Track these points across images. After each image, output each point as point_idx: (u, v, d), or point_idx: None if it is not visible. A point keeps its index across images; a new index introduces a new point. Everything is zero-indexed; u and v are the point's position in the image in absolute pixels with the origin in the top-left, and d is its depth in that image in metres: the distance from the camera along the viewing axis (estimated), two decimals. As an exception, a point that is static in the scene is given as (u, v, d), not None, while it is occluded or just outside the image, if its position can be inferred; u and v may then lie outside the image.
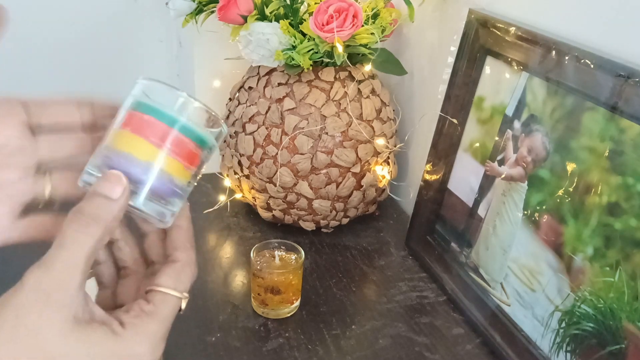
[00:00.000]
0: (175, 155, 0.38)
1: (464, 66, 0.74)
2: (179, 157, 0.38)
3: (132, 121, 0.38)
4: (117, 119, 0.39)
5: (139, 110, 0.38)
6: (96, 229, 0.35)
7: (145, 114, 0.38)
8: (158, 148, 0.37)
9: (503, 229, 0.68)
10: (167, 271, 0.39)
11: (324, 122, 0.81)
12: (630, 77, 0.52)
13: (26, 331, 0.32)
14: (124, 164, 0.37)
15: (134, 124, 0.38)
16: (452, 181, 0.78)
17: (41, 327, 0.32)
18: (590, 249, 0.56)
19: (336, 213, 0.86)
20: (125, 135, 0.38)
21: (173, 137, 0.38)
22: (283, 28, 0.76)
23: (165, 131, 0.38)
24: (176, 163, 0.38)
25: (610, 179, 0.54)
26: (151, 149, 0.37)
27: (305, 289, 0.75)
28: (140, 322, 0.36)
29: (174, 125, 0.38)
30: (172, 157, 0.38)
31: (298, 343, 0.67)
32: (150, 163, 0.37)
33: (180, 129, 0.38)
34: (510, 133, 0.67)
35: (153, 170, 0.37)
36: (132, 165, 0.37)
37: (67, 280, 0.33)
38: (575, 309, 0.57)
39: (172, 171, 0.38)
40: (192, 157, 0.39)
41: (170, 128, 0.38)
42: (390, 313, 0.73)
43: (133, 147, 0.37)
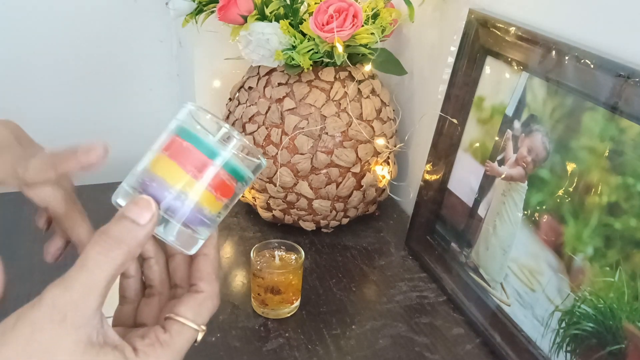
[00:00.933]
0: (210, 187, 0.37)
1: (464, 66, 0.74)
2: (212, 190, 0.37)
3: (172, 146, 0.37)
4: (159, 141, 0.38)
5: (180, 135, 0.37)
6: (119, 254, 0.34)
7: (185, 140, 0.37)
8: (194, 178, 0.37)
9: (503, 229, 0.68)
10: (189, 301, 0.39)
11: (324, 122, 0.81)
12: (630, 77, 0.52)
13: (39, 348, 0.32)
14: (157, 189, 0.37)
15: (174, 150, 0.37)
16: (452, 181, 0.78)
17: (54, 346, 0.32)
18: (590, 249, 0.56)
19: (336, 213, 0.86)
20: (163, 160, 0.37)
21: (210, 169, 0.37)
22: (283, 28, 0.76)
23: (203, 162, 0.37)
24: (209, 195, 0.37)
25: (610, 179, 0.54)
26: (186, 179, 0.37)
27: (305, 289, 0.75)
28: (153, 351, 0.36)
29: (213, 157, 0.37)
30: (206, 189, 0.37)
31: (298, 343, 0.67)
32: (183, 193, 0.37)
33: (219, 162, 0.37)
34: (510, 133, 0.67)
35: (185, 200, 0.37)
36: (164, 191, 0.37)
37: (85, 302, 0.33)
38: (575, 309, 0.57)
39: (204, 202, 0.38)
40: (226, 190, 0.38)
41: (209, 159, 0.37)
42: (390, 313, 0.73)
43: (168, 173, 0.37)
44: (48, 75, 1.06)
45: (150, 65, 1.11)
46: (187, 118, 0.38)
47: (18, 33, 1.02)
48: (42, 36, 1.03)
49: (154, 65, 1.12)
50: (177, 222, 0.37)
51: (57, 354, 0.32)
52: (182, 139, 0.37)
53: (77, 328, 0.33)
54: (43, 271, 0.40)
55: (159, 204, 0.36)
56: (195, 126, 0.38)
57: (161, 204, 0.37)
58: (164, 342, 0.36)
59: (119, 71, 1.09)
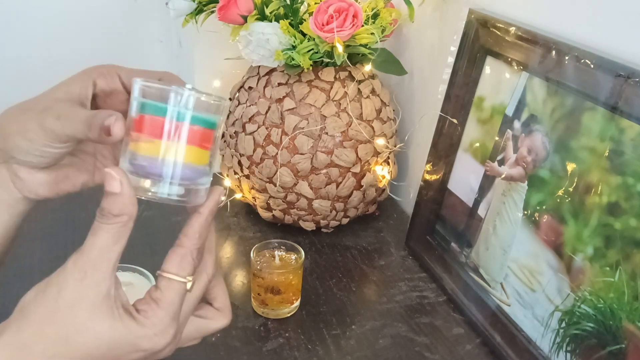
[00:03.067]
0: (190, 143, 0.41)
1: (464, 66, 0.74)
2: (193, 144, 0.41)
3: (142, 124, 0.41)
4: (130, 124, 0.41)
5: (144, 112, 0.41)
6: (116, 220, 0.39)
7: (149, 114, 0.40)
8: (172, 142, 0.40)
9: (503, 229, 0.68)
10: (171, 256, 0.42)
11: (324, 122, 0.81)
12: (630, 77, 0.52)
13: (65, 303, 0.37)
14: (149, 166, 0.40)
15: (144, 127, 0.41)
16: (452, 181, 0.78)
17: (77, 300, 0.38)
18: (590, 249, 0.56)
19: (336, 213, 0.86)
20: (142, 139, 0.41)
21: (182, 129, 0.40)
22: (283, 28, 0.76)
23: (173, 126, 0.40)
24: (192, 149, 0.41)
25: (610, 179, 0.54)
26: (165, 145, 0.40)
27: (305, 289, 0.75)
28: (148, 308, 0.40)
29: (180, 118, 0.40)
30: (189, 145, 0.41)
31: (298, 343, 0.67)
32: (169, 158, 0.40)
33: (187, 119, 0.41)
34: (510, 133, 0.67)
35: (174, 163, 0.41)
36: (154, 163, 0.40)
37: (101, 261, 0.38)
38: (575, 309, 0.57)
39: (191, 157, 0.41)
40: (204, 139, 0.42)
41: (177, 121, 0.40)
42: (390, 313, 0.73)
43: (150, 149, 0.40)
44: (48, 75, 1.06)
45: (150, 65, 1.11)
46: (141, 94, 0.41)
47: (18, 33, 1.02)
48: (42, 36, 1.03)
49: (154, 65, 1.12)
50: (176, 183, 0.41)
51: (81, 306, 0.38)
52: (146, 114, 0.40)
53: (95, 284, 0.38)
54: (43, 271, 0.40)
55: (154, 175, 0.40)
56: (151, 98, 0.41)
57: (160, 174, 0.40)
58: (157, 298, 0.40)
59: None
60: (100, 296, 0.38)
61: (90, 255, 0.38)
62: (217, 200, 0.44)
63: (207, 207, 0.43)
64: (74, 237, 0.84)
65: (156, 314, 0.40)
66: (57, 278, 0.38)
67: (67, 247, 0.82)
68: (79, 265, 0.38)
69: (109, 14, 1.06)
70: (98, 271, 0.38)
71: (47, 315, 0.37)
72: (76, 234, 0.85)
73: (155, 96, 0.40)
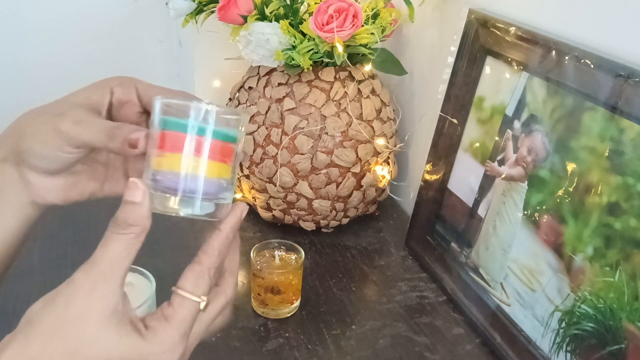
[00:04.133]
0: (211, 157, 0.41)
1: (464, 66, 0.74)
2: (214, 158, 0.41)
3: (163, 141, 0.41)
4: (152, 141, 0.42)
5: (165, 128, 0.41)
6: (130, 231, 0.38)
7: (171, 130, 0.41)
8: (193, 157, 0.41)
9: (503, 229, 0.68)
10: (187, 274, 0.41)
11: (324, 122, 0.81)
12: (630, 77, 0.52)
13: (74, 315, 0.37)
14: (170, 180, 0.41)
15: (166, 143, 0.41)
16: (452, 181, 0.78)
17: (86, 311, 0.37)
18: (590, 249, 0.56)
19: (336, 213, 0.86)
20: (162, 156, 0.41)
21: (203, 144, 0.41)
22: (283, 28, 0.76)
23: (195, 141, 0.41)
24: (214, 164, 0.41)
25: (610, 179, 0.54)
26: (187, 160, 0.40)
27: (305, 289, 0.75)
28: (158, 325, 0.39)
29: (201, 133, 0.41)
30: (209, 160, 0.41)
31: (298, 343, 0.67)
32: (191, 173, 0.41)
33: (208, 134, 0.41)
34: (510, 133, 0.67)
35: (196, 178, 0.41)
36: (176, 179, 0.40)
37: (111, 274, 0.37)
38: (575, 309, 0.57)
39: (213, 172, 0.41)
40: (226, 153, 0.42)
41: (199, 136, 0.40)
42: (390, 313, 0.73)
43: (172, 164, 0.41)
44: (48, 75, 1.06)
45: (150, 65, 1.11)
46: (162, 111, 0.41)
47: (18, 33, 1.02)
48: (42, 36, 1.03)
49: (154, 65, 1.12)
50: (198, 198, 0.41)
51: (89, 319, 0.37)
52: (168, 130, 0.41)
53: (104, 297, 0.37)
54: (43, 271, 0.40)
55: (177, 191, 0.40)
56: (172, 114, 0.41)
57: (179, 190, 0.40)
58: (168, 316, 0.39)
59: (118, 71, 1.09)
60: (109, 310, 0.37)
61: (101, 267, 0.37)
62: (239, 216, 0.43)
63: (227, 223, 0.42)
64: (74, 237, 0.84)
65: (166, 332, 0.39)
66: (66, 289, 0.37)
67: (67, 247, 0.82)
68: (89, 277, 0.37)
69: (109, 14, 1.06)
70: (108, 283, 0.37)
71: (55, 328, 0.37)
72: (76, 234, 0.85)
73: (176, 112, 0.41)
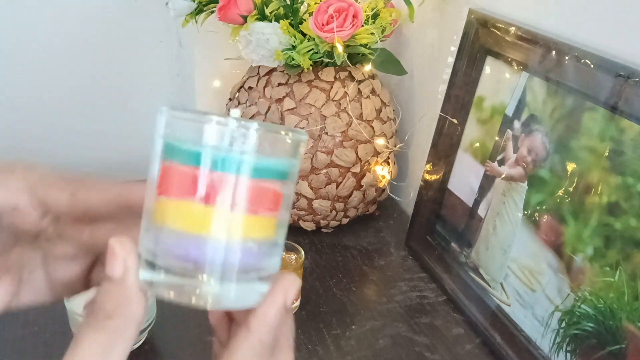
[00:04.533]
0: (248, 209, 0.26)
1: (464, 66, 0.74)
2: (253, 210, 0.26)
3: (175, 180, 0.26)
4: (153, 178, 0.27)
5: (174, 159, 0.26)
6: (108, 321, 0.27)
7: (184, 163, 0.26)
8: (224, 209, 0.26)
9: (503, 229, 0.68)
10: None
11: (324, 122, 0.81)
12: (630, 77, 0.52)
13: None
14: (181, 247, 0.26)
15: (174, 182, 0.26)
16: (452, 181, 0.78)
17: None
18: (590, 249, 0.56)
19: (336, 213, 0.86)
20: (168, 203, 0.26)
21: (239, 186, 0.26)
22: (283, 28, 0.76)
23: (223, 180, 0.25)
24: (252, 219, 0.26)
25: (610, 179, 0.54)
26: (211, 214, 0.26)
27: (305, 289, 0.75)
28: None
29: (238, 171, 0.25)
30: (249, 214, 0.26)
31: (298, 343, 0.67)
32: (216, 235, 0.26)
33: (249, 172, 0.26)
34: (510, 133, 0.67)
35: (223, 244, 0.26)
36: (192, 245, 0.26)
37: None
38: (575, 309, 0.57)
39: (255, 232, 0.27)
40: (270, 199, 0.27)
41: (230, 174, 0.25)
42: (390, 313, 0.73)
43: (184, 219, 0.26)
44: (47, 75, 1.06)
45: (150, 65, 1.11)
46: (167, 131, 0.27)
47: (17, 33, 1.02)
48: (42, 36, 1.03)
49: (154, 65, 1.12)
50: (230, 277, 0.26)
51: None
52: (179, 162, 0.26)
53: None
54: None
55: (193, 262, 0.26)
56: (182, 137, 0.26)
57: (196, 261, 0.26)
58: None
59: (118, 71, 1.09)
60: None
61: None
62: (281, 303, 0.28)
63: (262, 317, 0.28)
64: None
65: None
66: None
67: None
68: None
69: (109, 14, 1.05)
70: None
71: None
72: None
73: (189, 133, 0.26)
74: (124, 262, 0.27)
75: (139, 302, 0.27)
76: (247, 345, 0.28)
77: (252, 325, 0.28)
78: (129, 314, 0.27)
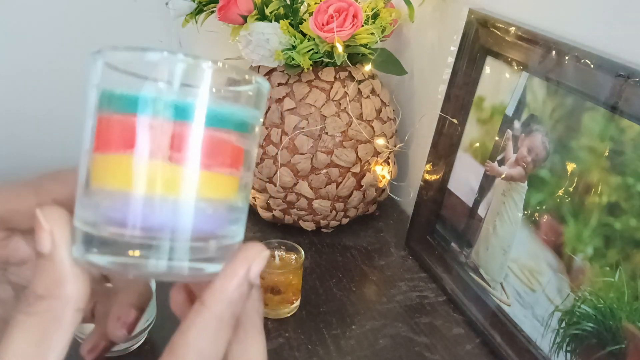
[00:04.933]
0: (205, 163, 0.22)
1: (464, 66, 0.74)
2: (210, 164, 0.23)
3: (113, 132, 0.22)
4: (87, 134, 0.24)
5: (117, 109, 0.22)
6: (39, 306, 0.23)
7: (130, 112, 0.22)
8: (171, 162, 0.22)
9: (503, 229, 0.68)
10: None
11: (324, 122, 0.81)
12: (630, 77, 0.52)
13: None
14: (121, 209, 0.22)
15: (120, 136, 0.22)
16: (452, 181, 0.78)
17: None
18: (590, 249, 0.56)
19: (336, 213, 0.86)
20: (113, 162, 0.22)
21: (192, 134, 0.22)
22: (283, 28, 0.76)
23: (178, 132, 0.22)
24: (209, 175, 0.23)
25: (610, 179, 0.54)
26: (160, 169, 0.22)
27: (305, 289, 0.75)
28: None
29: (187, 117, 0.22)
30: (203, 169, 0.23)
31: (298, 343, 0.67)
32: (166, 193, 0.22)
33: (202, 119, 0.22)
34: (510, 133, 0.67)
35: (175, 204, 0.22)
36: (133, 206, 0.22)
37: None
38: (575, 309, 0.57)
39: (212, 191, 0.23)
40: (231, 154, 0.23)
41: (180, 121, 0.22)
42: (390, 313, 0.73)
43: (123, 177, 0.22)
44: (47, 75, 1.06)
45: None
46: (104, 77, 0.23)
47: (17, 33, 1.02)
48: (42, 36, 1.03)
49: (154, 65, 1.12)
50: (181, 245, 0.22)
51: None
52: (114, 112, 0.22)
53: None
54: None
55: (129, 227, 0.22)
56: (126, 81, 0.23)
57: (132, 225, 0.22)
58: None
59: (119, 71, 1.09)
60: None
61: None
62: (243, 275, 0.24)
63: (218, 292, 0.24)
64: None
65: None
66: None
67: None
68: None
69: (109, 14, 1.05)
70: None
71: None
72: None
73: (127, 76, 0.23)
74: (51, 235, 0.23)
75: (74, 279, 0.23)
76: (201, 322, 0.24)
77: (207, 299, 0.24)
78: (63, 294, 0.23)
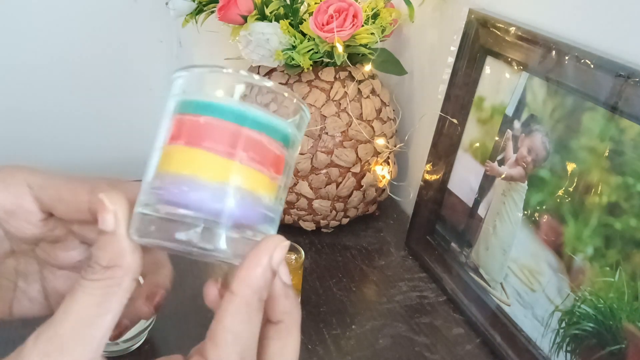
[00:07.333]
0: (255, 163, 0.27)
1: (464, 66, 0.74)
2: (259, 165, 0.27)
3: (183, 129, 0.27)
4: (162, 133, 0.28)
5: (189, 112, 0.27)
6: (103, 275, 0.26)
7: (200, 114, 0.26)
8: (230, 159, 0.26)
9: (503, 229, 0.68)
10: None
11: (324, 122, 0.81)
12: (630, 77, 0.52)
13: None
14: (188, 194, 0.25)
15: (188, 133, 0.26)
16: (452, 181, 0.78)
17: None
18: (590, 249, 0.56)
19: (336, 213, 0.86)
20: (180, 152, 0.26)
21: (247, 139, 0.26)
22: (283, 28, 0.76)
23: (235, 132, 0.26)
24: (257, 175, 0.27)
25: (610, 179, 0.54)
26: (221, 163, 0.26)
27: (305, 289, 0.75)
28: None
29: (244, 122, 0.26)
30: (251, 167, 0.27)
31: (298, 343, 0.67)
32: (224, 183, 0.26)
33: (254, 125, 0.26)
34: (510, 133, 0.67)
35: (226, 193, 0.26)
36: (199, 192, 0.25)
37: (75, 342, 0.26)
38: (575, 309, 0.57)
39: (255, 187, 0.27)
40: (275, 162, 0.27)
41: (241, 126, 0.26)
42: (390, 313, 0.73)
43: (195, 166, 0.26)
44: (47, 75, 1.06)
45: (150, 65, 1.11)
46: (187, 87, 0.28)
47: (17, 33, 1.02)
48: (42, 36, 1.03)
49: (154, 65, 1.12)
50: (224, 227, 0.26)
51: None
52: (195, 114, 0.26)
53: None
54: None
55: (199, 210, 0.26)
56: (203, 91, 0.27)
57: (201, 209, 0.26)
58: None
59: (118, 71, 1.09)
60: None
61: (60, 330, 0.25)
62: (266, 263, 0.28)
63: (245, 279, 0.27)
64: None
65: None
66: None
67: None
68: (40, 347, 0.25)
69: (108, 14, 1.06)
70: (69, 356, 0.25)
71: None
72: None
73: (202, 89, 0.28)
74: (115, 215, 0.26)
75: (133, 252, 0.27)
76: (233, 308, 0.27)
77: (235, 288, 0.27)
78: (125, 265, 0.26)
